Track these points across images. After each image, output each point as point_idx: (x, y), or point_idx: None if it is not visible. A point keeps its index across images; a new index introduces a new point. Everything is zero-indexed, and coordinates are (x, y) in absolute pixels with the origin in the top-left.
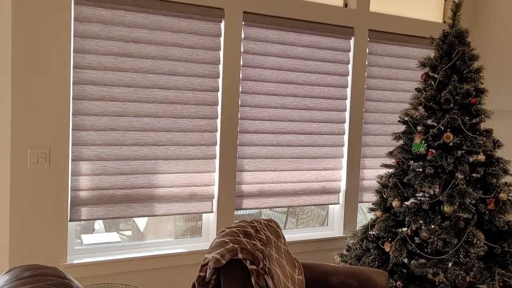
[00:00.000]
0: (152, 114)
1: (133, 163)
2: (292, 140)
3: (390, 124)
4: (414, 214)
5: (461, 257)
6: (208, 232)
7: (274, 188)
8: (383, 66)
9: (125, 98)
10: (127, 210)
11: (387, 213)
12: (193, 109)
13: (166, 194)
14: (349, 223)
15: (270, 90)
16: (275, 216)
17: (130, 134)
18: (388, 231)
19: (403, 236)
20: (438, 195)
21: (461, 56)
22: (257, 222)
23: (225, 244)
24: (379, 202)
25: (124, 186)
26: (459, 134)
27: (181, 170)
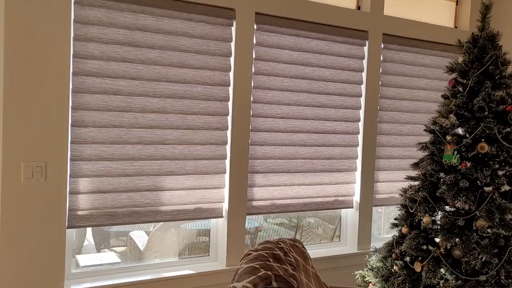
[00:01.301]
0: (159, 109)
1: (137, 163)
2: (306, 139)
3: (405, 123)
4: (448, 232)
5: (502, 278)
6: (217, 248)
7: (287, 191)
8: (398, 62)
9: (130, 92)
10: (131, 216)
11: (414, 229)
12: (202, 105)
13: (174, 198)
14: (363, 237)
15: (283, 86)
16: (283, 232)
17: (135, 132)
18: (419, 249)
19: (436, 255)
20: (474, 211)
21: (494, 60)
22: (283, 243)
23: (256, 271)
24: (404, 217)
25: (128, 189)
26: (493, 144)
27: (189, 171)
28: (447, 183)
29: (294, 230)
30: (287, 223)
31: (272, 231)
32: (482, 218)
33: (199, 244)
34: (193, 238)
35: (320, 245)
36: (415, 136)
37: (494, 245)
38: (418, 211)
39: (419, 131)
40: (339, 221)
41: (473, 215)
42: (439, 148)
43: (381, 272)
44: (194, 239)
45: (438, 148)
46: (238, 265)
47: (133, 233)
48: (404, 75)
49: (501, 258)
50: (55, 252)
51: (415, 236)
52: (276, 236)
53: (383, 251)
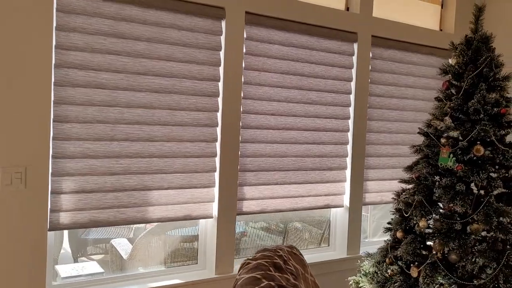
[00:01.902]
0: (146, 104)
1: (124, 161)
2: (297, 137)
3: (393, 121)
4: (446, 236)
5: (500, 282)
6: (205, 255)
7: (278, 190)
8: (387, 59)
9: (115, 85)
10: (116, 216)
11: (409, 234)
12: (191, 100)
13: (162, 197)
14: (352, 241)
15: (274, 82)
16: (269, 237)
17: (121, 128)
18: (416, 254)
19: (433, 260)
20: (471, 214)
21: (489, 62)
22: (281, 250)
23: (258, 281)
24: (399, 221)
25: (114, 188)
26: (489, 147)
27: (178, 169)
28: (443, 186)
29: (280, 236)
30: (274, 228)
31: (257, 236)
32: (480, 221)
33: (186, 252)
34: (180, 245)
35: (308, 250)
36: (403, 134)
37: (492, 249)
38: (414, 215)
39: (407, 129)
40: (327, 226)
41: (470, 218)
42: (433, 151)
43: (377, 278)
44: (181, 246)
45: (433, 151)
46: (237, 275)
47: (115, 241)
48: (392, 73)
49: (499, 262)
50: (36, 261)
51: (411, 240)
52: (262, 241)
53: (377, 256)
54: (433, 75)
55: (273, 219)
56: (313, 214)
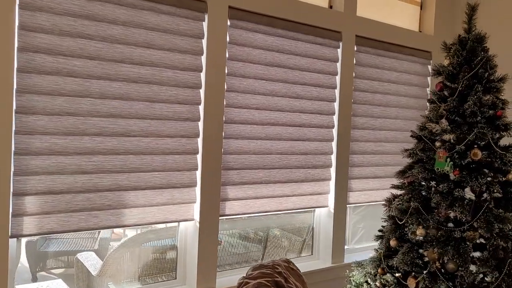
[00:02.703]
0: (122, 95)
1: (97, 158)
2: (282, 133)
3: (377, 117)
4: (445, 244)
5: None
6: (185, 269)
7: (262, 189)
8: (371, 53)
9: (88, 74)
10: (88, 221)
11: (403, 242)
12: (172, 92)
13: (139, 198)
14: (337, 249)
15: (258, 73)
16: (249, 247)
17: (94, 121)
18: (415, 264)
19: (433, 270)
20: (470, 221)
21: (484, 63)
22: (279, 266)
23: None
24: (392, 229)
25: (86, 188)
26: (485, 150)
27: (157, 167)
28: (440, 192)
29: (259, 244)
30: (253, 236)
31: (233, 245)
32: (481, 229)
33: (163, 265)
34: (156, 258)
35: (293, 260)
36: (386, 131)
37: (493, 257)
38: (410, 223)
39: (390, 125)
40: (309, 232)
41: (469, 225)
42: (428, 155)
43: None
44: (157, 259)
45: (427, 155)
46: None
47: (82, 255)
48: (376, 67)
49: (501, 271)
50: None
51: (408, 250)
52: (239, 250)
53: (370, 266)
54: (416, 71)
55: (251, 226)
56: (294, 221)
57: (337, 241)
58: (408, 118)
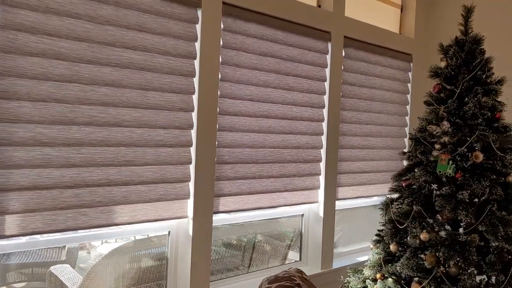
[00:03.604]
0: (114, 82)
1: (86, 150)
2: (274, 126)
3: (363, 111)
4: (450, 248)
5: None
6: (175, 278)
7: (255, 184)
8: (357, 47)
9: (76, 57)
10: (76, 219)
11: (404, 246)
12: (165, 80)
13: (131, 194)
14: (327, 254)
15: (252, 63)
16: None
17: (83, 109)
18: (420, 269)
19: (438, 275)
20: (474, 224)
21: (483, 65)
22: (295, 277)
23: None
24: (392, 233)
25: (74, 183)
26: (486, 152)
27: (150, 161)
28: (443, 196)
29: (244, 251)
30: (235, 243)
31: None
32: (487, 232)
33: (152, 277)
34: (144, 271)
35: (280, 267)
36: (372, 125)
37: (499, 260)
38: (413, 227)
39: (375, 120)
40: (295, 238)
41: (473, 228)
42: (428, 158)
43: None
44: (146, 271)
45: (427, 158)
46: None
47: (56, 268)
48: (363, 61)
49: (507, 274)
50: None
51: (412, 255)
52: (225, 257)
53: (369, 271)
54: (399, 65)
55: (238, 233)
56: (281, 226)
57: (326, 245)
58: (391, 113)
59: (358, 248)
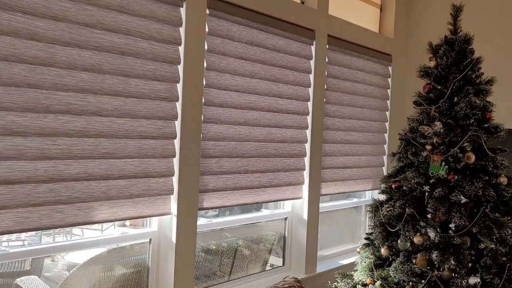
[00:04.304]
0: (94, 67)
1: (63, 141)
2: (260, 119)
3: (346, 105)
4: (444, 251)
5: None
6: (157, 286)
7: (240, 179)
8: (342, 47)
9: (53, 38)
10: (52, 216)
11: (393, 250)
12: (149, 67)
13: (111, 189)
14: (311, 257)
15: (238, 52)
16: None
17: (60, 96)
18: (415, 274)
19: (433, 279)
20: (468, 226)
21: (474, 65)
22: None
23: None
24: (383, 237)
25: (49, 177)
26: (478, 153)
27: (131, 153)
28: (435, 198)
29: (224, 256)
30: (214, 248)
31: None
32: (482, 235)
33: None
34: (123, 281)
35: (263, 273)
36: (355, 120)
37: (495, 263)
38: (406, 230)
39: (357, 114)
40: (277, 241)
41: (467, 231)
42: (419, 159)
43: None
44: (124, 282)
45: (418, 159)
46: None
47: (23, 280)
48: (346, 54)
49: (501, 277)
50: None
51: (406, 259)
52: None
53: (360, 276)
54: (378, 60)
55: (220, 238)
56: (262, 230)
57: (310, 249)
58: (373, 108)
59: (340, 251)
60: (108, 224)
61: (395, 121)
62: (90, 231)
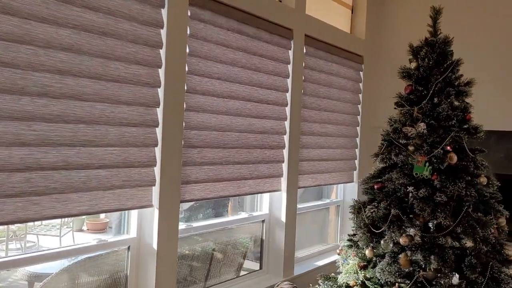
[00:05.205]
0: (72, 47)
1: (39, 127)
2: (241, 108)
3: (323, 97)
4: (430, 252)
5: None
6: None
7: (221, 170)
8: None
9: (29, 13)
10: (27, 208)
11: (373, 250)
12: (130, 49)
13: (91, 180)
14: (288, 260)
15: (220, 39)
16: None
17: (36, 77)
18: (403, 276)
19: (420, 280)
20: (452, 226)
21: (454, 67)
22: None
23: None
24: (367, 238)
25: (25, 166)
26: (460, 154)
27: (112, 141)
28: (420, 198)
29: (201, 261)
30: (188, 253)
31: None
32: (466, 234)
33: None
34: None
35: (242, 278)
36: (329, 112)
37: (479, 262)
38: (392, 231)
39: (332, 107)
40: (255, 245)
41: (450, 230)
42: (402, 160)
43: None
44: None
45: (402, 160)
46: None
47: None
48: (321, 50)
49: (485, 276)
50: None
51: (392, 260)
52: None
53: (346, 278)
54: (348, 54)
55: (190, 242)
56: (239, 234)
57: (287, 252)
58: (347, 101)
59: (313, 253)
60: (65, 230)
61: (367, 115)
62: (48, 237)
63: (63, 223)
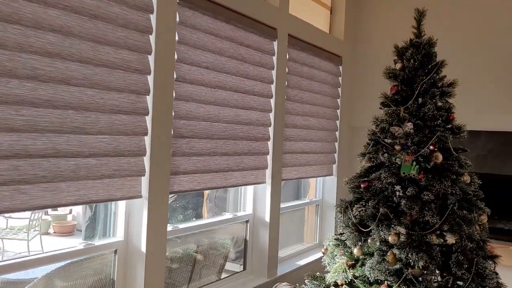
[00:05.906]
0: (62, 29)
1: (28, 112)
2: (228, 99)
3: (305, 90)
4: (419, 249)
5: None
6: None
7: (209, 162)
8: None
9: None
10: (14, 198)
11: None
12: (120, 33)
13: (80, 168)
14: (272, 260)
15: (208, 27)
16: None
17: (24, 59)
18: (392, 273)
19: (409, 277)
20: (438, 223)
21: (438, 68)
22: None
23: None
24: (355, 237)
25: (13, 153)
26: (444, 153)
27: (103, 129)
28: (407, 197)
29: (184, 263)
30: (168, 255)
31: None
32: (453, 232)
33: None
34: None
35: (227, 280)
36: (311, 105)
37: (465, 258)
38: (380, 229)
39: (313, 100)
40: (238, 245)
41: (436, 228)
42: (390, 159)
43: None
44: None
45: (389, 159)
46: None
47: None
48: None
49: (470, 272)
50: None
51: (381, 259)
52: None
53: (335, 277)
54: (330, 47)
55: (174, 244)
56: (223, 232)
57: (271, 252)
58: (327, 94)
59: (294, 252)
60: (33, 233)
61: (346, 113)
62: (14, 241)
63: (30, 226)
